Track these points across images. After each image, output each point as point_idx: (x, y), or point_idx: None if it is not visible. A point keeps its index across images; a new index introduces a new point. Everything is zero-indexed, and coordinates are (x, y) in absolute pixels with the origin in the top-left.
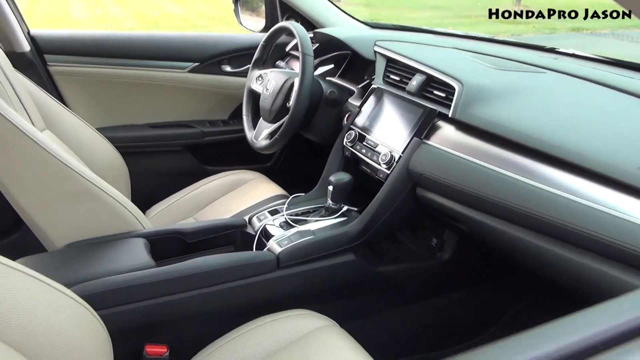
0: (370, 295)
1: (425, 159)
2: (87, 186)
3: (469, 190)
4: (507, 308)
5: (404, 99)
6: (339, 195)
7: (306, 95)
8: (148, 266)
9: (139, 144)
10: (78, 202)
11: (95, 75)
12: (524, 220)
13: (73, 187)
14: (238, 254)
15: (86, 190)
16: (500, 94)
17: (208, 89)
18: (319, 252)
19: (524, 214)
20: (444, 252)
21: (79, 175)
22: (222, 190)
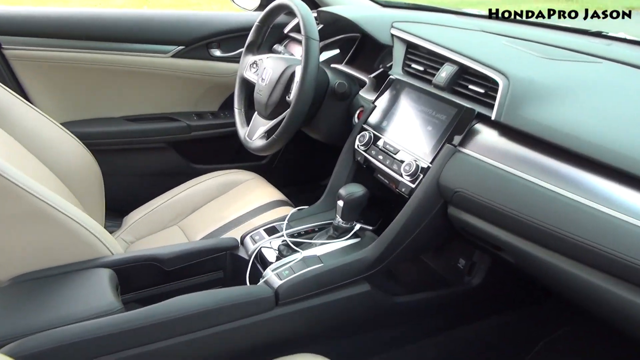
0: (386, 329)
1: (461, 172)
2: (36, 205)
3: (519, 215)
4: (542, 335)
5: (431, 94)
6: (351, 212)
7: (310, 88)
8: (112, 309)
9: (113, 141)
10: (25, 226)
11: (60, 60)
12: (596, 260)
13: (18, 207)
14: (226, 290)
15: (36, 211)
16: (555, 90)
17: (194, 76)
18: (327, 284)
19: (596, 252)
20: (474, 275)
21: (25, 191)
22: (212, 194)
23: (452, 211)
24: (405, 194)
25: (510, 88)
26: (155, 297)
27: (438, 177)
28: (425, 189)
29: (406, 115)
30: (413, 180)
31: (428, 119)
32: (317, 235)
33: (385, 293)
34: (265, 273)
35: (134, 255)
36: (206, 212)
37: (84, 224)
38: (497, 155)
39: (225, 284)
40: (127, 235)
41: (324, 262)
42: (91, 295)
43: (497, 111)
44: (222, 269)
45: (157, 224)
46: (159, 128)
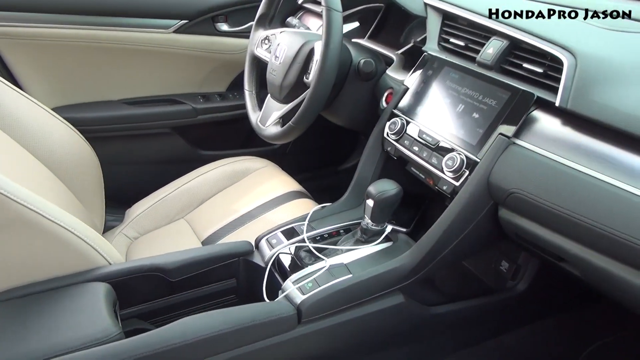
0: (420, 343)
1: (517, 169)
2: (18, 213)
3: (591, 223)
4: (589, 342)
5: (476, 74)
6: (383, 213)
7: (333, 67)
8: (109, 335)
9: (111, 127)
10: (7, 236)
11: (49, 37)
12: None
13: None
14: (242, 309)
15: (18, 219)
16: (632, 69)
17: (199, 53)
18: (356, 299)
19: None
20: (519, 280)
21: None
22: (222, 183)
23: (504, 214)
24: (446, 193)
25: (578, 67)
26: (159, 311)
27: (488, 175)
28: (473, 189)
29: (446, 99)
30: (457, 177)
31: (473, 105)
32: (342, 239)
33: (421, 304)
34: (285, 285)
35: (134, 265)
36: (216, 205)
37: (75, 231)
38: (562, 149)
39: (238, 293)
40: (129, 231)
41: (352, 273)
42: (84, 318)
43: (563, 95)
44: (235, 277)
45: (162, 217)
46: (161, 112)
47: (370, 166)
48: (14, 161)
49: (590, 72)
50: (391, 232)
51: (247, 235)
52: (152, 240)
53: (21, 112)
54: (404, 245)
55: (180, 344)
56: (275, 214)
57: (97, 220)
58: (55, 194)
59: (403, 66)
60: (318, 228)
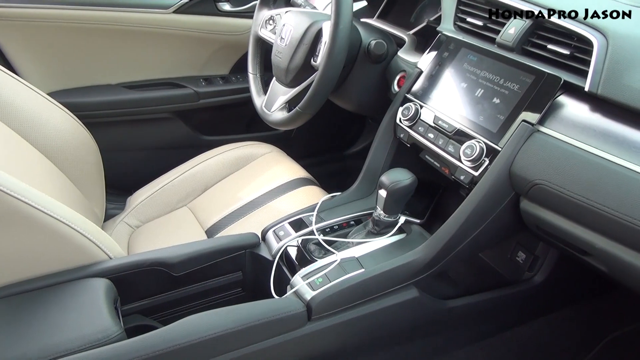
0: (434, 337)
1: (542, 159)
2: (13, 206)
3: (622, 217)
4: (605, 333)
5: (497, 56)
6: (396, 204)
7: (342, 49)
8: (109, 335)
9: (110, 112)
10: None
11: (44, 18)
12: None
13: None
14: (249, 306)
15: (13, 213)
16: None
17: (201, 34)
18: (368, 295)
19: None
20: (536, 272)
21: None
22: (225, 170)
23: (526, 206)
24: (464, 183)
25: (610, 49)
26: (162, 306)
27: (510, 165)
28: (493, 179)
29: (463, 83)
30: (476, 167)
31: (494, 89)
32: (353, 231)
33: (435, 298)
34: (294, 281)
35: (136, 260)
36: (219, 192)
37: (74, 225)
38: (591, 137)
39: (244, 286)
40: (131, 219)
41: (364, 267)
42: (83, 316)
43: (593, 80)
44: (241, 270)
45: (164, 205)
46: (162, 96)
47: (382, 154)
48: (10, 150)
49: (624, 53)
50: (404, 224)
51: (252, 224)
52: (155, 229)
53: (17, 98)
54: (418, 237)
55: (185, 344)
56: (281, 202)
57: (98, 209)
58: (54, 183)
59: (416, 48)
60: (327, 219)
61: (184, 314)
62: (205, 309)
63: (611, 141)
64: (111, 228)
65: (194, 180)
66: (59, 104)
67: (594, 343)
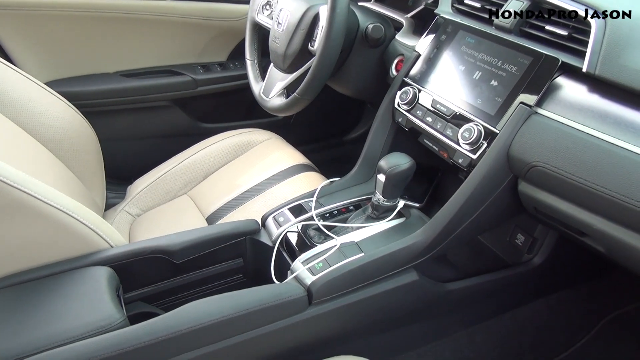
0: (433, 319)
1: (540, 141)
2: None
3: (620, 198)
4: (604, 313)
5: (494, 38)
6: (395, 188)
7: (339, 34)
8: (113, 323)
9: (108, 101)
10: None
11: (40, 6)
12: None
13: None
14: (250, 292)
15: (13, 203)
16: None
17: (198, 21)
18: (368, 279)
19: None
20: (535, 254)
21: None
22: (225, 157)
23: (524, 188)
24: (462, 166)
25: (608, 29)
26: (164, 293)
27: (508, 147)
28: (491, 162)
29: (461, 66)
30: (474, 150)
31: (491, 71)
32: (353, 216)
33: (435, 281)
34: (294, 266)
35: (137, 247)
36: (219, 179)
37: (74, 214)
38: (590, 119)
39: (246, 273)
40: (132, 208)
41: (364, 252)
42: (86, 304)
43: (591, 60)
44: (242, 256)
45: (165, 193)
46: (160, 84)
47: (381, 138)
48: (9, 141)
49: (622, 34)
50: (403, 208)
51: (253, 211)
52: (155, 217)
53: (14, 89)
54: (417, 221)
55: (187, 330)
56: (281, 189)
57: (98, 198)
58: (54, 173)
59: (413, 31)
60: (327, 204)
61: (186, 301)
62: (207, 295)
63: (609, 122)
64: (112, 217)
65: (194, 168)
66: (57, 93)
67: (593, 323)
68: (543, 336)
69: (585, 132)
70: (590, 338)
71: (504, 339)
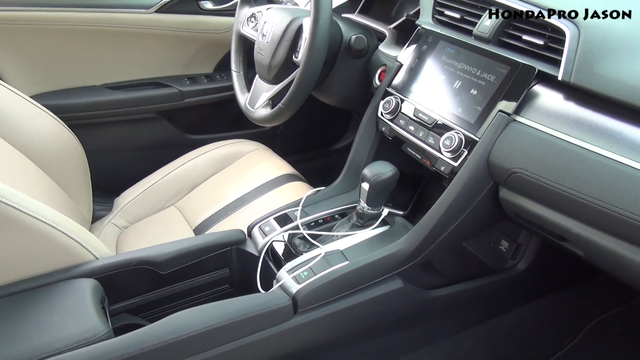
0: (420, 327)
1: (519, 148)
2: None
3: (596, 202)
4: (589, 318)
5: (473, 48)
6: (379, 196)
7: (323, 45)
8: (97, 334)
9: (95, 113)
10: None
11: (25, 20)
12: None
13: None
14: (235, 302)
15: None
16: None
17: (184, 33)
18: (353, 286)
19: None
20: (519, 259)
21: None
22: (212, 168)
23: (504, 194)
24: (444, 174)
25: (582, 38)
26: (151, 304)
27: (488, 154)
28: (472, 169)
29: (442, 75)
30: (455, 158)
31: (471, 80)
32: (338, 224)
33: (420, 288)
34: (279, 275)
35: (122, 259)
36: (207, 190)
37: (58, 226)
38: (565, 126)
39: (232, 283)
40: (119, 220)
41: (349, 259)
42: (71, 316)
43: (565, 69)
44: (228, 266)
45: (152, 205)
46: (147, 96)
47: (365, 147)
48: None
49: (595, 43)
50: (388, 216)
51: (240, 221)
52: (143, 229)
53: None
54: (401, 228)
55: (172, 341)
56: (268, 199)
57: (85, 211)
58: (39, 185)
59: (396, 41)
60: (312, 213)
61: (172, 312)
62: (193, 306)
63: (584, 129)
64: (99, 229)
65: (181, 179)
66: (43, 106)
67: (579, 328)
68: (529, 341)
69: (562, 138)
70: (577, 343)
71: (491, 345)
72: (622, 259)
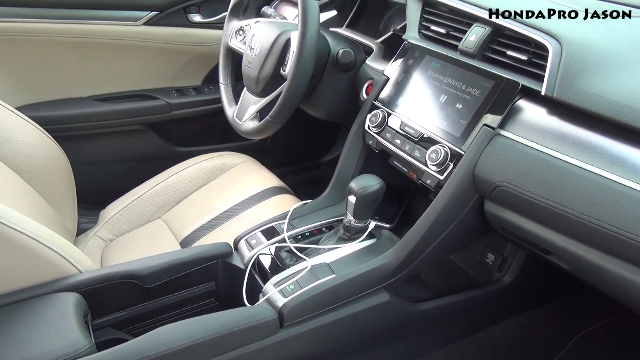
0: (407, 340)
1: (503, 161)
2: None
3: (580, 216)
4: (575, 330)
5: (459, 63)
6: (365, 209)
7: (310, 58)
8: (80, 349)
9: (81, 125)
10: None
11: (12, 32)
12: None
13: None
14: (220, 315)
15: None
16: (619, 56)
17: (172, 46)
18: (340, 300)
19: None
20: (505, 272)
21: None
22: (199, 180)
23: (490, 208)
24: (430, 187)
25: (564, 54)
26: (135, 319)
27: (473, 168)
28: (457, 183)
29: (427, 89)
30: (441, 171)
31: (456, 95)
32: (325, 237)
33: (407, 301)
34: (265, 288)
35: (106, 272)
36: (193, 203)
37: (40, 239)
38: (549, 140)
39: (218, 296)
40: (104, 233)
41: (336, 273)
42: (52, 331)
43: (548, 84)
44: (214, 280)
45: (138, 217)
46: (134, 108)
47: (352, 160)
48: None
49: (577, 58)
50: (374, 229)
51: (226, 234)
52: (128, 242)
53: None
54: (388, 241)
55: (156, 356)
56: (255, 212)
57: (70, 223)
58: (23, 198)
59: (383, 55)
60: (299, 226)
61: (157, 326)
62: (179, 320)
63: (567, 143)
64: (84, 242)
65: (168, 191)
66: (28, 118)
67: (565, 340)
68: (516, 354)
69: (545, 152)
70: (563, 355)
71: (478, 358)
72: (606, 273)
